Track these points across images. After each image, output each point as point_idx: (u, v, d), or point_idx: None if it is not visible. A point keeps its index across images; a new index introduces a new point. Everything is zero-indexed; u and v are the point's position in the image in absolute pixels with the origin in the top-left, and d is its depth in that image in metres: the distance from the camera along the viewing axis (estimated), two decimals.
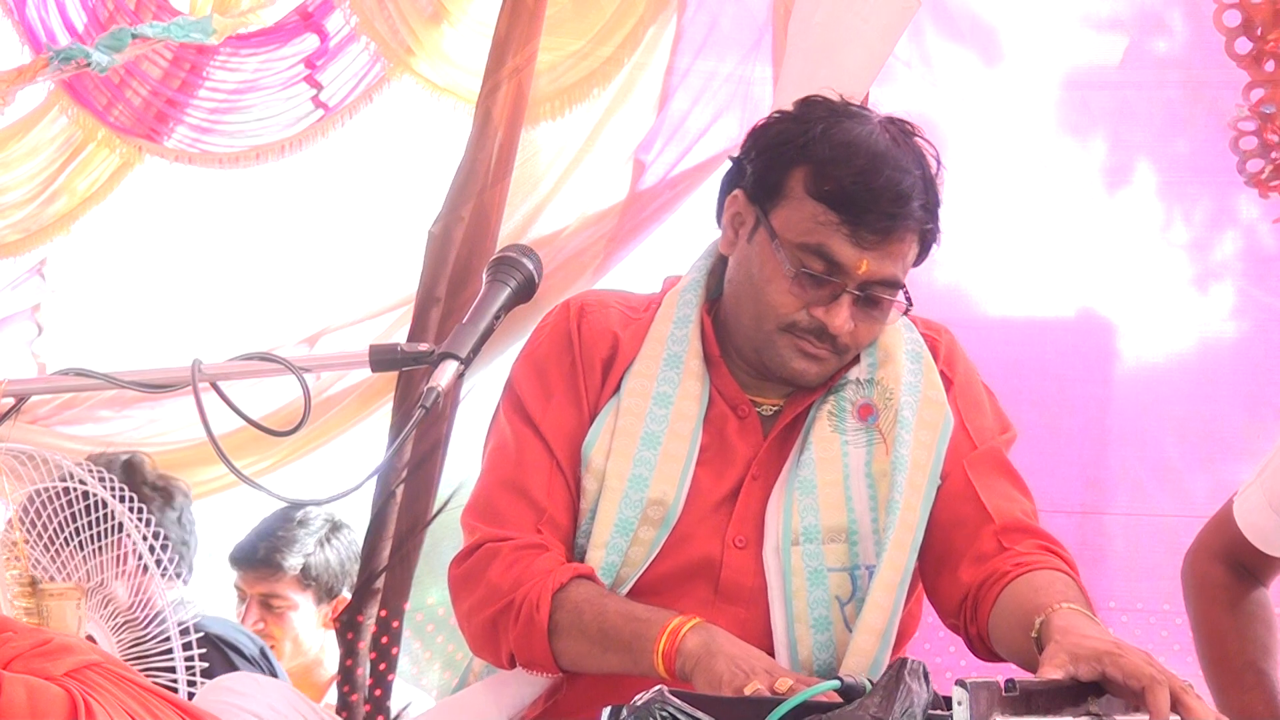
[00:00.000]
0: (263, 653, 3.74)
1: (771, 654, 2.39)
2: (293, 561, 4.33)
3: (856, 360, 2.49)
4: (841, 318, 2.40)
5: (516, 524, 2.44)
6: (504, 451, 2.49)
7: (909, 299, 2.46)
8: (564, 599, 2.35)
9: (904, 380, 2.46)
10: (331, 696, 4.27)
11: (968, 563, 2.38)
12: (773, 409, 2.50)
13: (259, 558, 4.36)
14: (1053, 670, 1.93)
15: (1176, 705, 1.90)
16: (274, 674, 3.72)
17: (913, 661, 1.87)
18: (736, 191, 2.49)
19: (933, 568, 2.44)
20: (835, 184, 2.38)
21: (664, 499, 2.42)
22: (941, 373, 2.51)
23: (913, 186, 2.41)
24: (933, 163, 2.49)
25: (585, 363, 2.49)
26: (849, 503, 2.43)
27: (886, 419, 2.45)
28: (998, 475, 2.46)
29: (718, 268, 2.54)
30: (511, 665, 2.42)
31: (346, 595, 4.34)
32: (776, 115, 2.52)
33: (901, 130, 2.48)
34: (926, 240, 2.46)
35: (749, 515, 2.45)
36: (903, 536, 2.39)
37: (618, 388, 2.48)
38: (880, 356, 2.48)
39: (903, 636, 2.50)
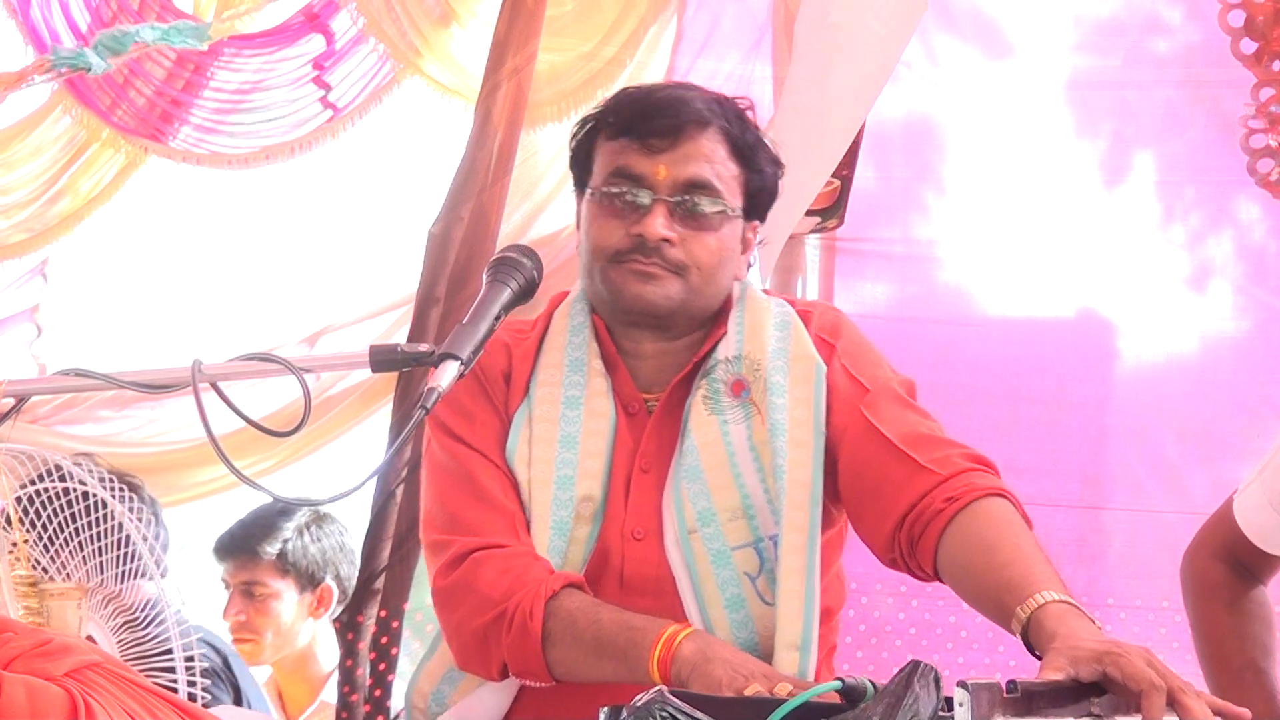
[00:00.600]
0: (225, 664, 3.73)
1: None
2: (270, 547, 4.32)
3: (724, 336, 2.50)
4: (654, 224, 2.43)
5: (493, 530, 2.44)
6: (450, 472, 2.50)
7: (746, 209, 2.50)
8: (557, 608, 2.36)
9: (770, 348, 2.48)
10: (329, 694, 4.28)
11: (887, 492, 2.37)
12: (657, 401, 2.52)
13: (237, 545, 4.36)
14: (1054, 674, 1.93)
15: (1175, 705, 1.90)
16: (235, 684, 3.72)
17: (924, 666, 1.85)
18: (576, 192, 2.58)
19: (858, 514, 2.44)
20: (619, 116, 2.50)
21: (592, 494, 2.45)
22: (819, 339, 2.51)
23: (695, 95, 2.50)
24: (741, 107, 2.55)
25: (488, 377, 2.52)
26: (738, 479, 2.44)
27: (757, 389, 2.46)
28: (893, 405, 2.46)
29: None
30: (502, 676, 2.42)
31: (330, 584, 4.34)
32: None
33: None
34: (738, 144, 2.50)
35: (643, 508, 2.47)
36: (798, 496, 2.41)
37: (525, 395, 2.51)
38: (748, 333, 2.51)
39: (829, 610, 2.50)
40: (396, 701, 4.00)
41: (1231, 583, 2.82)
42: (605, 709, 1.88)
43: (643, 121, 2.47)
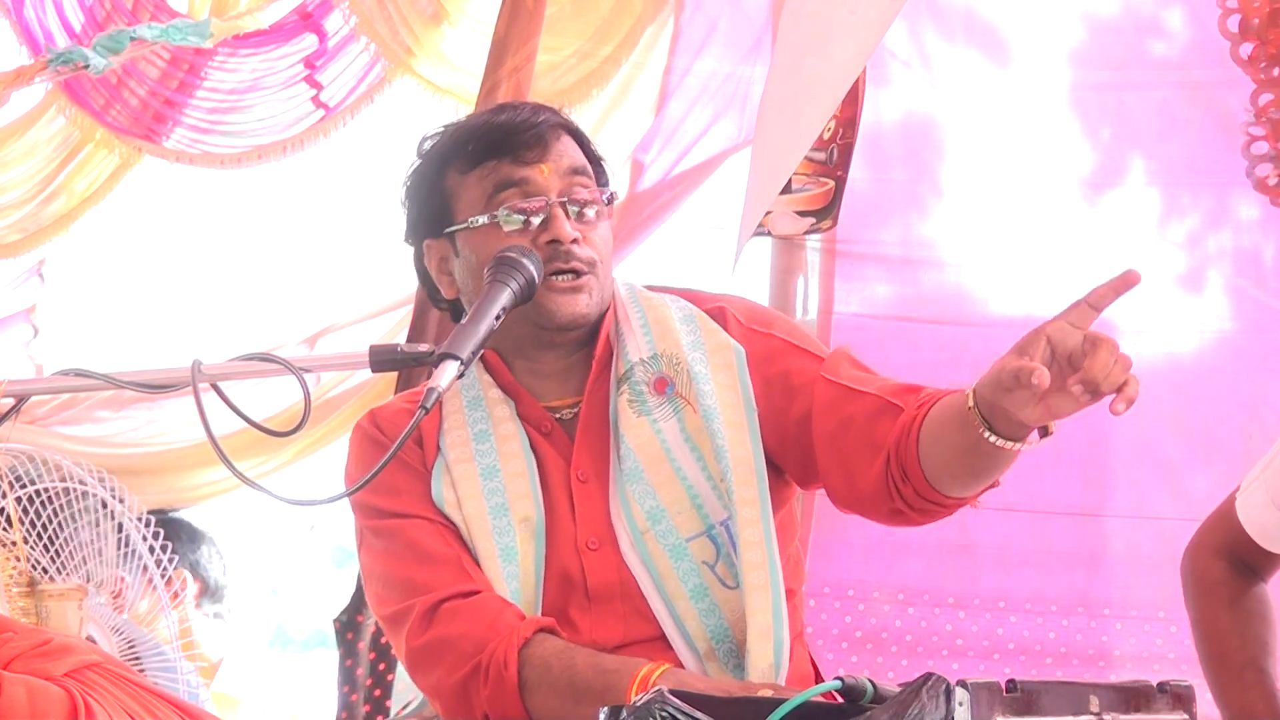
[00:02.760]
0: None
1: (660, 635, 2.43)
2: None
3: (629, 338, 2.52)
4: (564, 227, 2.45)
5: (447, 582, 2.44)
6: (388, 550, 2.50)
7: (612, 195, 2.55)
8: (530, 655, 2.37)
9: (684, 342, 2.51)
10: (218, 685, 4.30)
11: (878, 436, 2.38)
12: (572, 411, 2.53)
13: None
14: (1016, 366, 2.00)
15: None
16: None
17: (935, 678, 1.86)
18: (425, 243, 2.57)
19: (843, 472, 2.43)
20: (475, 145, 2.51)
21: (529, 514, 2.46)
22: (750, 330, 2.53)
23: (528, 106, 2.58)
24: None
25: (403, 447, 2.46)
26: (679, 472, 2.46)
27: (682, 383, 2.49)
28: (855, 369, 2.49)
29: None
30: None
31: (184, 572, 4.33)
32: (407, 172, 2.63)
33: None
34: (583, 143, 2.56)
35: (592, 517, 2.48)
36: (743, 473, 2.43)
37: (438, 448, 2.51)
38: (656, 333, 2.53)
39: (790, 590, 2.50)
40: (396, 701, 4.00)
41: (1232, 580, 2.82)
42: (605, 709, 1.88)
43: (506, 140, 2.49)
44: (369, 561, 2.55)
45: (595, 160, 2.57)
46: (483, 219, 2.47)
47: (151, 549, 2.65)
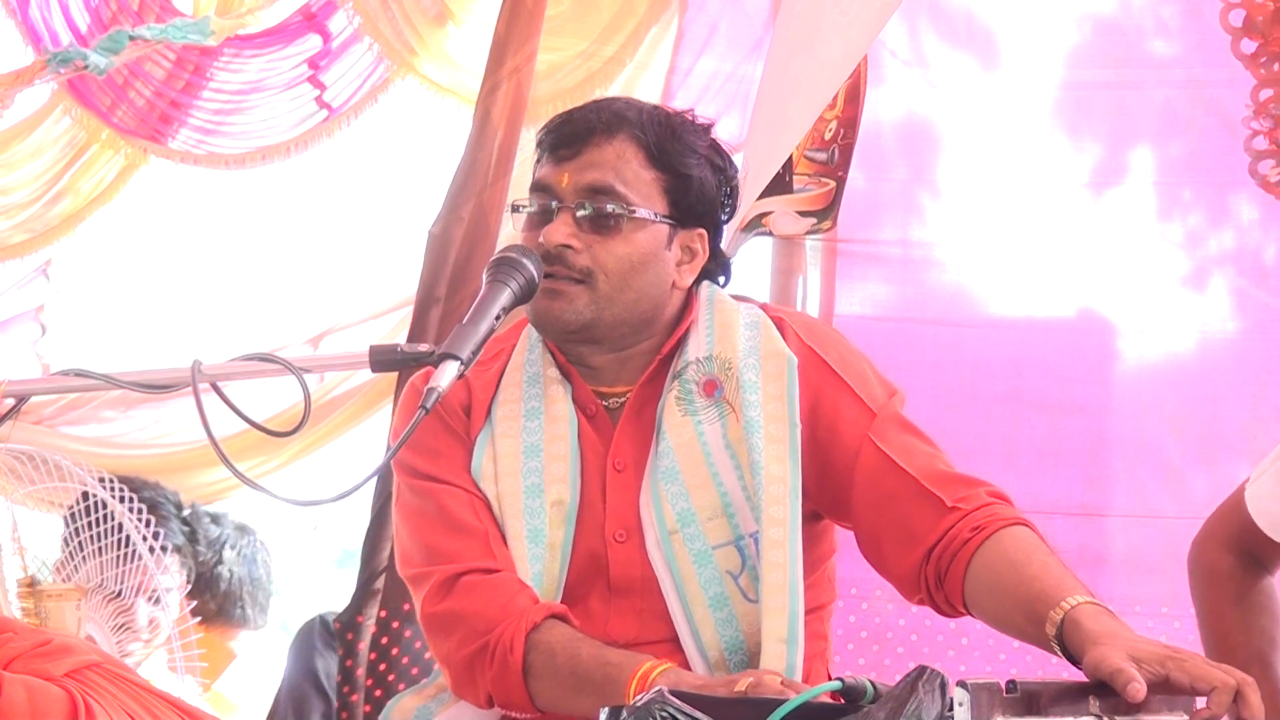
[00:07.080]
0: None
1: (673, 638, 2.44)
2: None
3: (693, 336, 2.51)
4: (553, 231, 2.43)
5: (470, 555, 2.45)
6: (421, 511, 2.51)
7: (677, 216, 2.49)
8: (537, 640, 2.37)
9: (740, 347, 2.49)
10: None
11: (916, 530, 2.38)
12: (620, 400, 2.52)
13: None
14: (1116, 665, 1.94)
15: (1238, 698, 1.94)
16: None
17: (930, 671, 1.86)
18: None
19: (875, 545, 2.45)
20: (542, 135, 2.52)
21: (562, 498, 2.46)
22: (808, 348, 2.51)
23: (609, 104, 2.51)
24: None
25: (448, 411, 2.52)
26: (716, 478, 2.45)
27: (730, 388, 2.47)
28: (904, 434, 2.47)
29: None
30: (490, 705, 2.44)
31: None
32: None
33: None
34: (654, 149, 2.48)
35: (622, 508, 2.48)
36: (776, 491, 2.41)
37: (487, 418, 2.52)
38: (718, 335, 2.51)
39: (820, 605, 2.52)
40: None
41: (1240, 574, 2.81)
42: (606, 709, 1.88)
43: (552, 135, 2.49)
44: (400, 516, 2.56)
45: (672, 169, 2.48)
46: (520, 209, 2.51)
47: (151, 549, 2.66)
